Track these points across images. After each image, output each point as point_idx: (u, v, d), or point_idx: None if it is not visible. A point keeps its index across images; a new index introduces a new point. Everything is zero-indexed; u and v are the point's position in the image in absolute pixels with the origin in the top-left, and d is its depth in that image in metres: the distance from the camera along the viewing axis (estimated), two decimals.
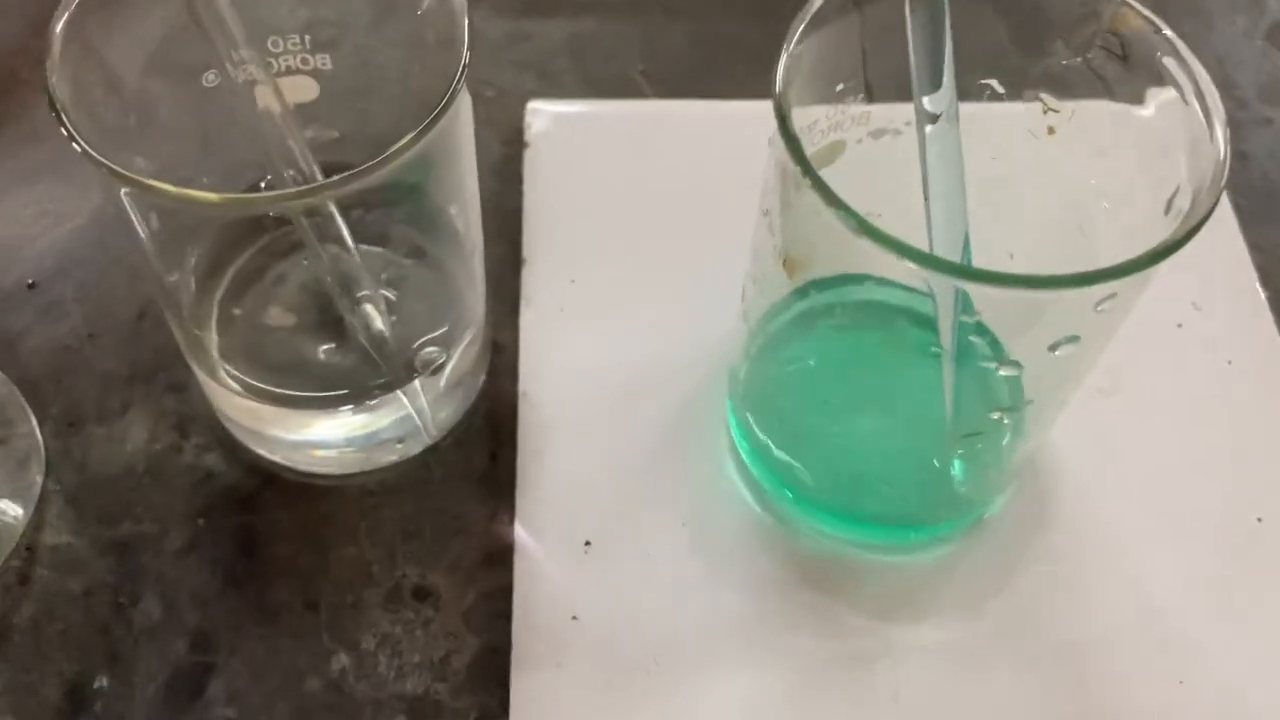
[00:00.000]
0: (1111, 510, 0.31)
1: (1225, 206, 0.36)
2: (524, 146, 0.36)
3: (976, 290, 0.20)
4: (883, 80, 0.26)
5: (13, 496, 0.31)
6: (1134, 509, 0.31)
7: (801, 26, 0.23)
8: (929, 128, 0.24)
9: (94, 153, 0.22)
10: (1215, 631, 0.29)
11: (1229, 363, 0.33)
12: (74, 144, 0.22)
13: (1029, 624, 0.29)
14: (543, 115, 0.37)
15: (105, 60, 0.25)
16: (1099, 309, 0.21)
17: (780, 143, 0.22)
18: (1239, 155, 0.38)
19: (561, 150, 0.37)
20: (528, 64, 0.39)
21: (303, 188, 0.25)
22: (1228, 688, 0.28)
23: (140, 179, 0.22)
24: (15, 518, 0.30)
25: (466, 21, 0.24)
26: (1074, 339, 0.23)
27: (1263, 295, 0.34)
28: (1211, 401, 0.33)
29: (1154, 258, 0.20)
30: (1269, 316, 0.34)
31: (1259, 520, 0.31)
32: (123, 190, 0.24)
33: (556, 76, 0.39)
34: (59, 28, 0.23)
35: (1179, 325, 0.34)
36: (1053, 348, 0.23)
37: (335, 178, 0.23)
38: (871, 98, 0.26)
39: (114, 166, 0.22)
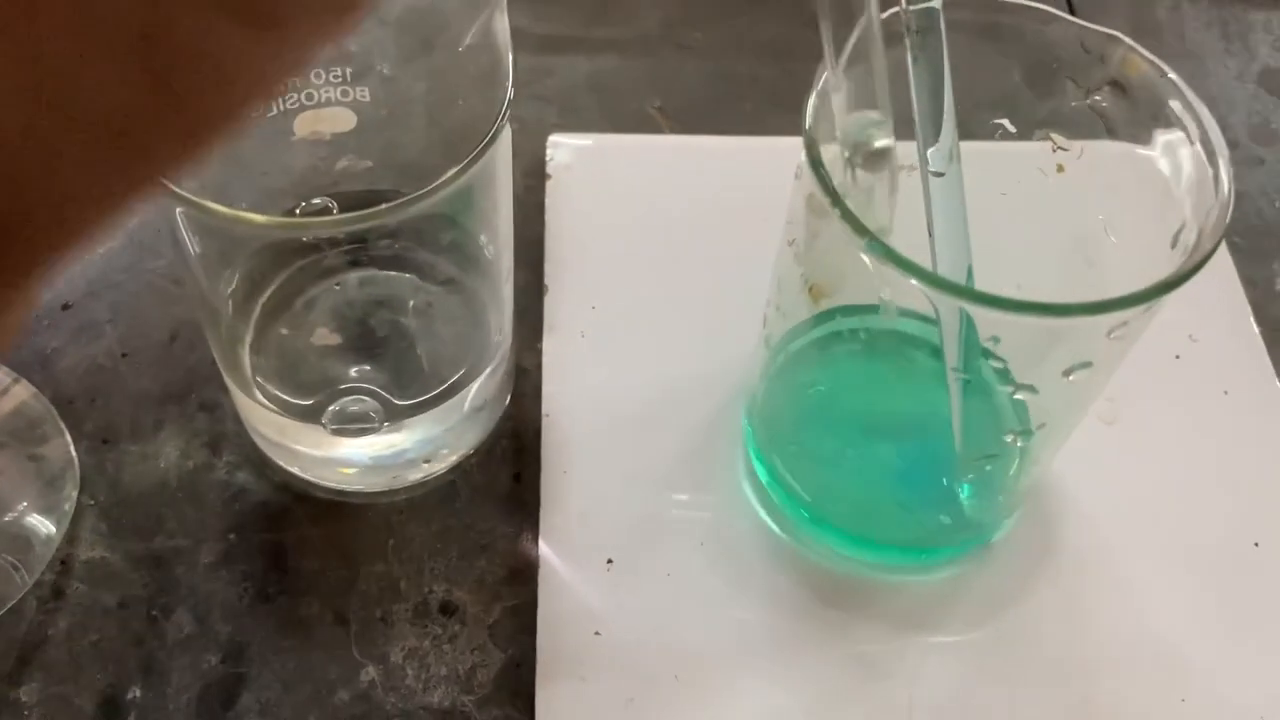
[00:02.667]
0: (1114, 535, 0.32)
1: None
2: (545, 178, 0.38)
3: (997, 318, 0.21)
4: (901, 120, 0.27)
5: (47, 511, 0.31)
6: (1135, 534, 0.32)
7: (828, 68, 0.24)
8: (931, 175, 0.25)
9: None
10: (1215, 651, 0.30)
11: (1225, 393, 0.34)
12: None
13: (1036, 642, 0.30)
14: (564, 148, 0.39)
15: None
16: (1112, 336, 0.23)
17: (809, 175, 0.23)
18: None
19: (582, 182, 0.38)
20: (550, 98, 0.40)
21: (342, 215, 0.26)
22: (1228, 704, 0.29)
23: (194, 199, 0.23)
24: (50, 532, 0.31)
25: (511, 58, 0.25)
26: (1087, 364, 0.24)
27: (1256, 329, 0.36)
28: (1209, 430, 0.34)
29: (1163, 289, 0.22)
30: (1263, 349, 0.35)
31: (1256, 545, 0.32)
32: (177, 210, 0.25)
33: (577, 111, 0.41)
34: None
35: (1177, 357, 0.35)
36: (1067, 373, 0.24)
37: (381, 206, 0.24)
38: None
39: (172, 186, 0.23)
